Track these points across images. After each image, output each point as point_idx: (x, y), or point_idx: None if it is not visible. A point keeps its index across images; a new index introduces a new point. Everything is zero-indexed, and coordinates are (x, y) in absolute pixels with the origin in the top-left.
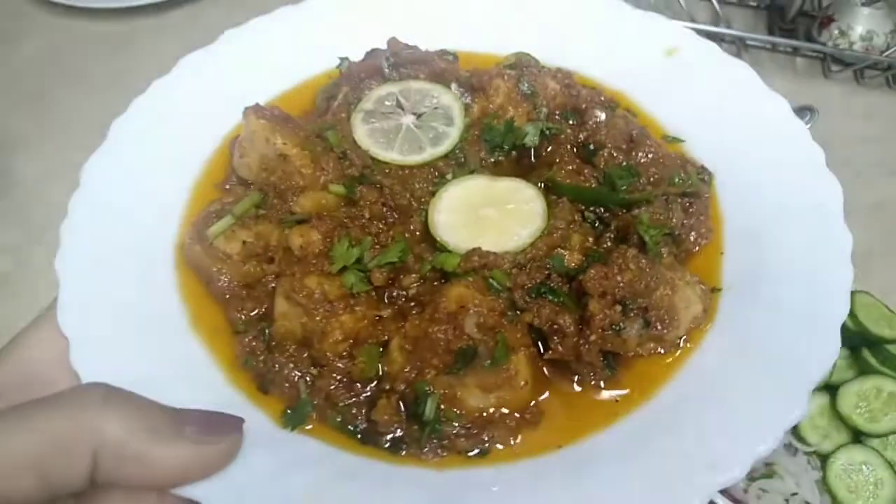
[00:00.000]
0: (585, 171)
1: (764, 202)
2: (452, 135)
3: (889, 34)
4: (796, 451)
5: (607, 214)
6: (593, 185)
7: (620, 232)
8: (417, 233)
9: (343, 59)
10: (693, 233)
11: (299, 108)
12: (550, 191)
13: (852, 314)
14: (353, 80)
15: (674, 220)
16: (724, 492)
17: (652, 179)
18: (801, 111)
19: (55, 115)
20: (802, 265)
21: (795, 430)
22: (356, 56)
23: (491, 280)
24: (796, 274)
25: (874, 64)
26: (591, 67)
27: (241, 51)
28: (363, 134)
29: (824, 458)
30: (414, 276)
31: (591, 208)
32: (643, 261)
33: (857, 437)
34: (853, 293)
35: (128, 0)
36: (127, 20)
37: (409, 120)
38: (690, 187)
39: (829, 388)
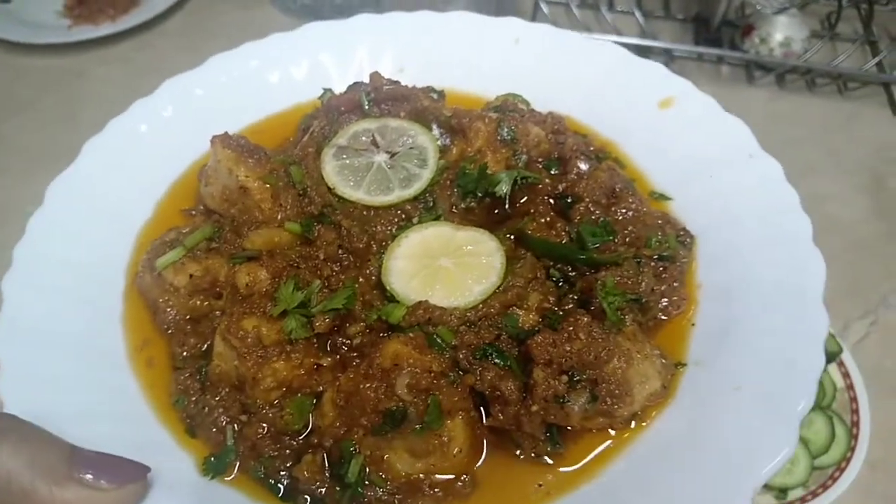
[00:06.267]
0: (558, 224)
1: (744, 272)
2: (424, 177)
3: (805, 40)
4: None
5: (574, 273)
6: (564, 241)
7: (584, 294)
8: (373, 277)
9: (326, 91)
10: (665, 300)
11: (283, 136)
12: (519, 242)
13: None
14: (331, 112)
15: (643, 286)
16: None
17: (628, 239)
18: None
19: (6, 149)
20: (772, 347)
21: None
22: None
23: (435, 336)
24: (765, 355)
25: (794, 68)
26: (584, 113)
27: (227, 75)
28: (331, 170)
29: None
30: (360, 324)
31: (559, 266)
32: (596, 330)
33: None
34: None
35: (75, 35)
36: (76, 54)
37: (381, 158)
38: (666, 250)
39: None
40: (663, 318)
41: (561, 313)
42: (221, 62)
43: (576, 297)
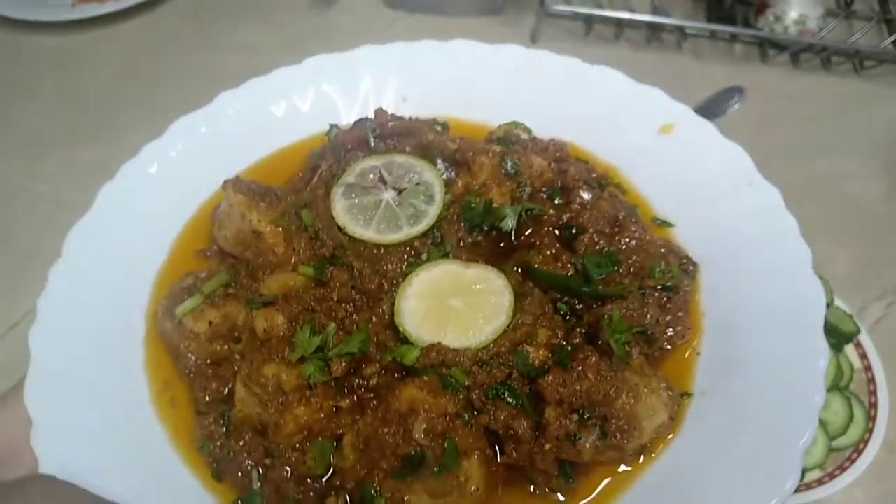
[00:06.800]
0: (564, 256)
1: (746, 301)
2: (431, 213)
3: (820, 18)
4: None
5: (581, 306)
6: (570, 273)
7: (591, 328)
8: (387, 317)
9: (332, 126)
10: (670, 329)
11: (291, 170)
12: (526, 275)
13: None
14: (338, 149)
15: (648, 318)
16: None
17: (632, 269)
18: (730, 92)
19: (10, 128)
20: (775, 379)
21: None
22: (352, 121)
23: (449, 378)
24: (767, 387)
25: (809, 47)
26: (585, 139)
27: (233, 110)
28: (341, 209)
29: None
30: (376, 365)
31: (566, 299)
32: (604, 368)
33: None
34: None
35: (80, 12)
36: (79, 33)
37: (389, 195)
38: (670, 280)
39: None
40: (668, 347)
41: (570, 348)
42: (228, 99)
43: (583, 331)
